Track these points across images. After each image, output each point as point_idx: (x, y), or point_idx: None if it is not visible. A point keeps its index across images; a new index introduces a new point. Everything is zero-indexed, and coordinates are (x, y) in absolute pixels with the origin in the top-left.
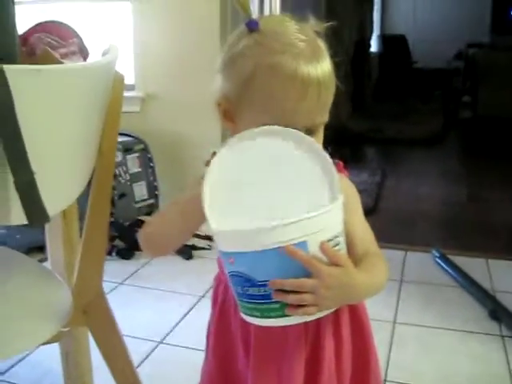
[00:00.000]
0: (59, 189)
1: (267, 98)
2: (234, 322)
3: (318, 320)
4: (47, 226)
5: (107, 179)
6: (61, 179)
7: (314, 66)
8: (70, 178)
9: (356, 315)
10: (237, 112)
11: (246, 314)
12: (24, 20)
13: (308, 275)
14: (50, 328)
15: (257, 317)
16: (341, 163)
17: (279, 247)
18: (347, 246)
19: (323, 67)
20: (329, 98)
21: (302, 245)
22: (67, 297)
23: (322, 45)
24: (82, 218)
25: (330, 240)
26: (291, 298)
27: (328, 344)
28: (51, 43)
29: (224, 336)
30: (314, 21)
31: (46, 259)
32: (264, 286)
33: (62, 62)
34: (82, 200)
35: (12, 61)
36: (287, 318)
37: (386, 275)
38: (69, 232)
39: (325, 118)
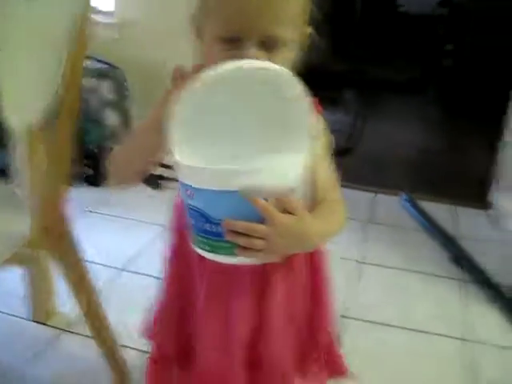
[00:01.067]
0: (22, 102)
1: (216, 5)
2: (192, 252)
3: (270, 263)
4: (12, 146)
5: (74, 99)
6: (24, 92)
7: None
8: (34, 91)
9: (314, 256)
10: (201, 27)
11: (197, 245)
12: None
13: (263, 221)
14: (5, 247)
15: (207, 251)
16: (316, 100)
17: (237, 190)
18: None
19: None
20: (279, 9)
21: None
22: (26, 217)
23: None
24: None
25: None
26: (242, 241)
27: (279, 286)
28: None
29: (182, 263)
30: None
31: (8, 183)
32: (218, 224)
33: None
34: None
35: None
36: (236, 257)
37: (343, 222)
38: (34, 152)
39: (282, 32)
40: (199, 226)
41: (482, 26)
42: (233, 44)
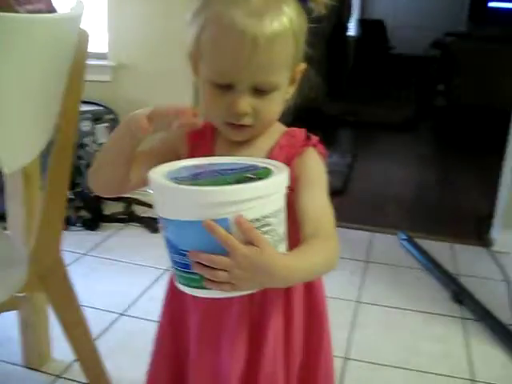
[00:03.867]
0: (15, 145)
1: (210, 50)
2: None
3: (264, 297)
4: (8, 190)
5: (69, 142)
6: (17, 135)
7: (257, 20)
8: (26, 134)
9: (312, 294)
10: (197, 65)
11: (176, 280)
12: None
13: (226, 252)
14: (4, 291)
15: (182, 284)
16: (315, 138)
17: (201, 221)
18: (300, 223)
19: (267, 25)
20: (273, 58)
21: (223, 222)
22: (23, 262)
23: (285, 7)
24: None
25: (257, 219)
26: (205, 272)
27: (274, 323)
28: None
29: (177, 303)
30: None
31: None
32: (185, 255)
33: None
34: (45, 163)
35: None
36: (207, 290)
37: (333, 260)
38: (29, 195)
39: (273, 79)
40: (172, 258)
41: (473, 67)
42: (225, 89)
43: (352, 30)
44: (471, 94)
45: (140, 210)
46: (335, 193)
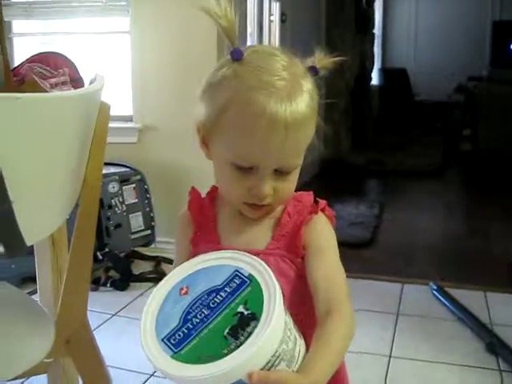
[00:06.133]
0: (39, 217)
1: (235, 134)
2: None
3: None
4: (37, 254)
5: (92, 209)
6: (41, 208)
7: (286, 106)
8: (51, 206)
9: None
10: (210, 141)
11: None
12: (25, 51)
13: None
14: (30, 359)
15: None
16: (323, 202)
17: None
18: (312, 293)
19: (296, 108)
20: (301, 140)
21: (239, 383)
22: (50, 327)
23: (305, 84)
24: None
25: (267, 362)
26: None
27: None
28: (42, 73)
29: None
30: (319, 54)
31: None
32: None
33: (47, 92)
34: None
35: None
36: None
37: (350, 334)
38: (57, 260)
39: (297, 160)
40: None
41: (498, 111)
42: (247, 171)
43: (375, 79)
44: (497, 138)
45: (169, 269)
46: (363, 244)
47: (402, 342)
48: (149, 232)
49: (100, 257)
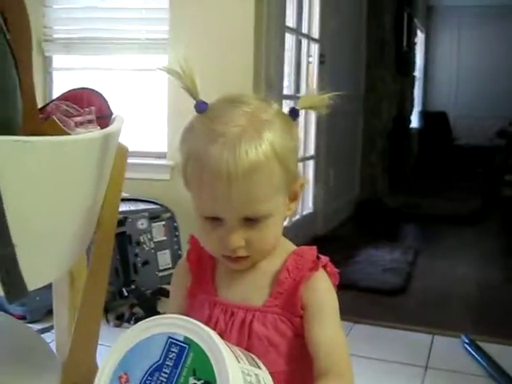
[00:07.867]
0: (43, 262)
1: (194, 184)
2: None
3: None
4: (54, 290)
5: (106, 251)
6: (46, 252)
7: (231, 154)
8: (56, 251)
9: None
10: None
11: None
12: (64, 85)
13: None
14: None
15: None
16: (325, 259)
17: None
18: (312, 356)
19: (243, 157)
20: (257, 187)
21: None
22: (56, 370)
23: (266, 130)
24: None
25: None
26: None
27: None
28: (68, 111)
29: None
30: (306, 94)
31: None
32: None
33: (67, 132)
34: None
35: (8, 129)
36: None
37: None
38: (75, 298)
39: (264, 207)
40: None
41: None
42: (216, 222)
43: (415, 122)
44: None
45: None
46: (395, 292)
47: None
48: None
49: (125, 293)
